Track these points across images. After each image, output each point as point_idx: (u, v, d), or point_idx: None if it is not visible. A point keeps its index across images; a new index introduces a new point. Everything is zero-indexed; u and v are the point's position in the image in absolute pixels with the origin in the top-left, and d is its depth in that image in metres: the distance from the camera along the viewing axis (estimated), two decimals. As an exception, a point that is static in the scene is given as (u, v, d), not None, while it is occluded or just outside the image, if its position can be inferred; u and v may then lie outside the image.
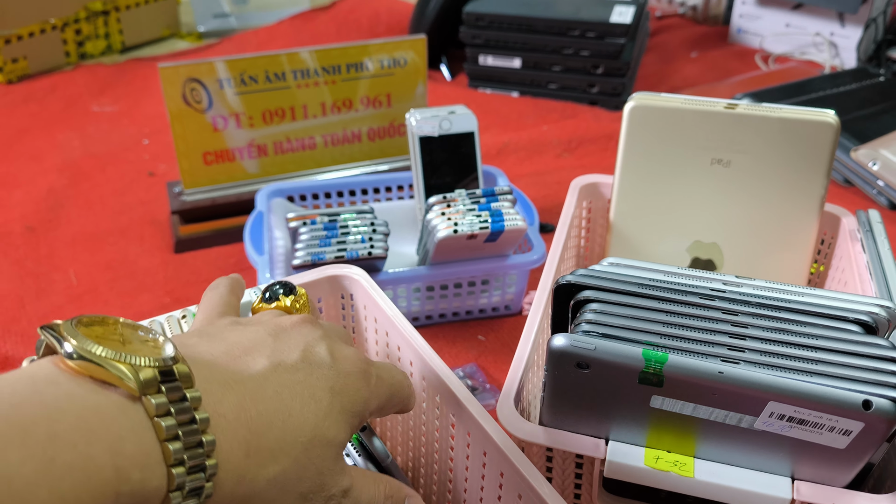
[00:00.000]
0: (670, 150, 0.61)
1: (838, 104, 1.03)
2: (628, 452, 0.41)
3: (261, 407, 0.30)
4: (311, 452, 0.32)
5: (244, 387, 0.30)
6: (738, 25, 1.34)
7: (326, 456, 0.33)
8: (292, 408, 0.31)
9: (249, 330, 0.34)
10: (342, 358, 0.35)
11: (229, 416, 0.29)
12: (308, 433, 0.32)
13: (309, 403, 0.32)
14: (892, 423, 0.35)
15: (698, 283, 0.42)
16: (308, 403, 0.32)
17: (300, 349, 0.34)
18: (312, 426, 0.32)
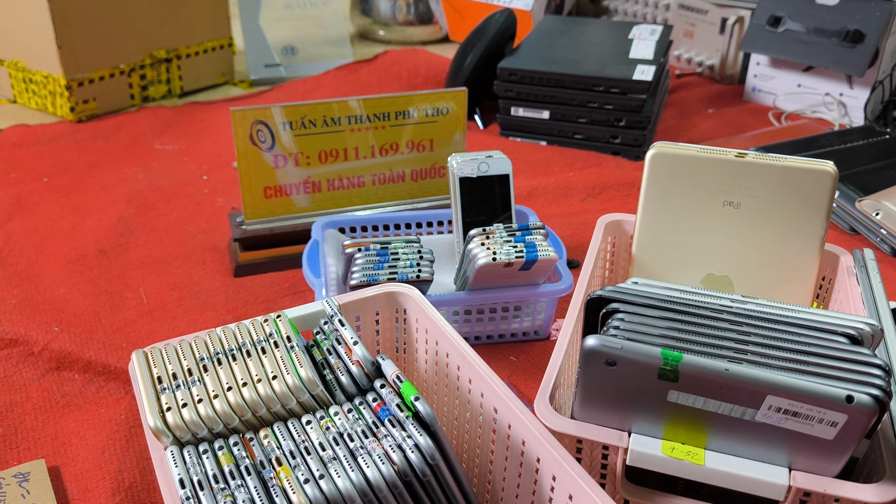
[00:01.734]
0: (687, 193, 0.69)
1: (845, 159, 1.11)
2: (648, 443, 0.48)
3: None
4: None
5: None
6: (752, 84, 1.43)
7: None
8: None
9: None
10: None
11: None
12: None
13: None
14: (871, 416, 0.42)
15: (709, 301, 0.50)
16: None
17: None
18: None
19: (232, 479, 0.45)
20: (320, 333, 0.55)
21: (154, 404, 0.48)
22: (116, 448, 0.66)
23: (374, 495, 0.46)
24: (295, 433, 0.49)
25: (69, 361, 0.76)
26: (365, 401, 0.51)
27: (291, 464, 0.46)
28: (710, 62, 1.52)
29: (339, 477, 0.45)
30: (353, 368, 0.52)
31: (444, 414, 0.61)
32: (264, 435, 0.49)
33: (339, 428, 0.48)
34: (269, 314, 0.56)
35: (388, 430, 0.48)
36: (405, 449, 0.47)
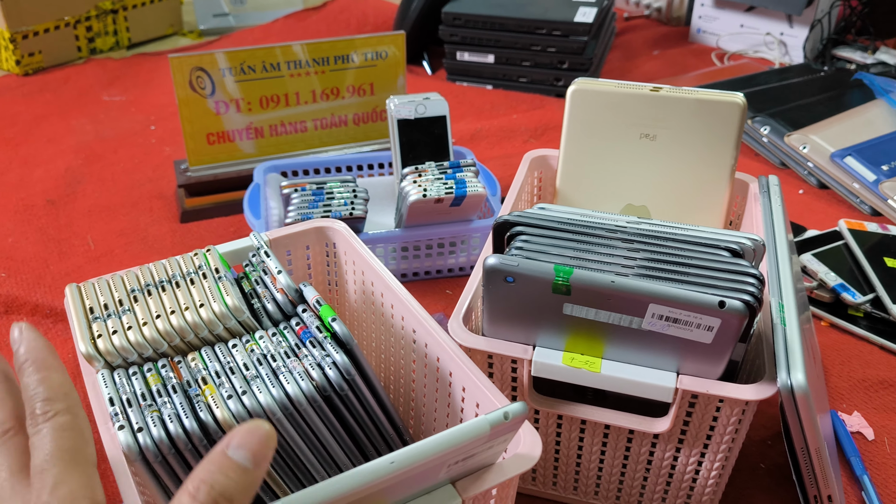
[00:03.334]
0: (606, 127, 0.72)
1: (779, 95, 1.14)
2: (550, 355, 0.52)
3: None
4: None
5: None
6: (697, 26, 1.45)
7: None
8: None
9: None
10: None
11: None
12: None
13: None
14: (742, 319, 0.46)
15: (606, 222, 0.53)
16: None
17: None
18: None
19: (159, 396, 0.48)
20: (249, 266, 0.58)
21: (86, 332, 0.51)
22: (64, 384, 0.69)
23: (294, 409, 0.49)
24: (221, 356, 0.52)
25: (17, 305, 0.79)
26: (289, 325, 0.54)
27: (216, 382, 0.49)
28: (657, 4, 1.53)
29: (261, 393, 0.48)
30: (278, 296, 0.55)
31: (373, 339, 0.64)
32: (192, 358, 0.52)
33: (263, 350, 0.52)
34: (199, 249, 0.59)
35: (309, 351, 0.51)
36: (324, 366, 0.50)
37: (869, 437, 0.67)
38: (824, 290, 0.81)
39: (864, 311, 0.79)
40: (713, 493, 0.56)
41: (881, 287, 0.79)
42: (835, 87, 1.17)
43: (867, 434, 0.67)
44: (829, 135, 1.02)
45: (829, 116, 1.06)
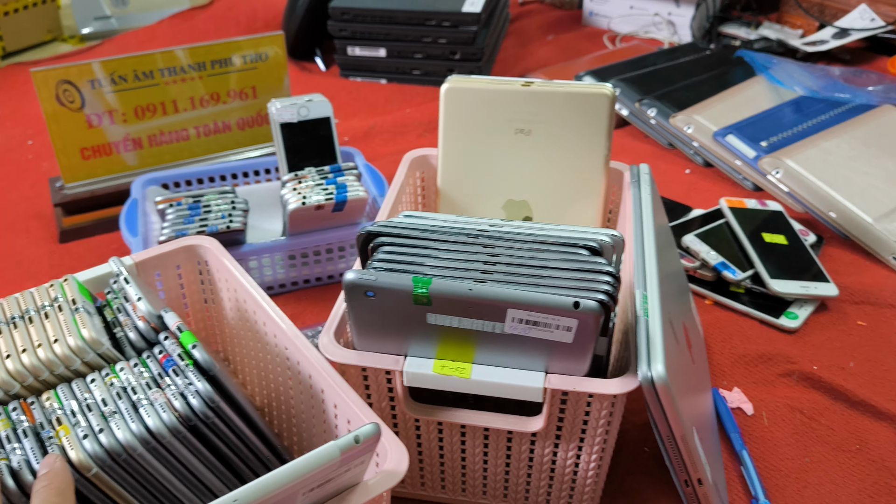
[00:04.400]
0: (481, 124, 0.71)
1: (666, 77, 1.17)
2: (421, 364, 0.52)
3: None
4: None
5: None
6: (589, 9, 1.47)
7: None
8: None
9: None
10: None
11: None
12: None
13: None
14: (598, 318, 0.47)
15: (469, 227, 0.53)
16: None
17: None
18: None
19: (8, 442, 0.46)
20: (111, 293, 0.56)
21: (-71, 379, 0.48)
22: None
23: (157, 442, 0.48)
24: (78, 392, 0.50)
25: None
26: (152, 353, 0.52)
27: (72, 422, 0.47)
28: (551, -11, 1.54)
29: (120, 430, 0.47)
30: (140, 323, 0.53)
31: (252, 357, 0.63)
32: (46, 398, 0.49)
33: (124, 382, 0.50)
34: (56, 279, 0.56)
35: (172, 380, 0.49)
36: (186, 395, 0.49)
37: (748, 411, 0.69)
38: (707, 270, 0.83)
39: (745, 288, 0.82)
40: (594, 483, 0.57)
41: (759, 263, 0.82)
42: (719, 66, 1.20)
43: (746, 409, 0.69)
44: (712, 114, 1.05)
45: (713, 95, 1.09)
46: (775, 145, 0.98)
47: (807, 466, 0.64)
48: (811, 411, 0.69)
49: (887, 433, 0.67)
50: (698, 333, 0.73)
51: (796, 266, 0.82)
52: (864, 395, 0.70)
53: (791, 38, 1.33)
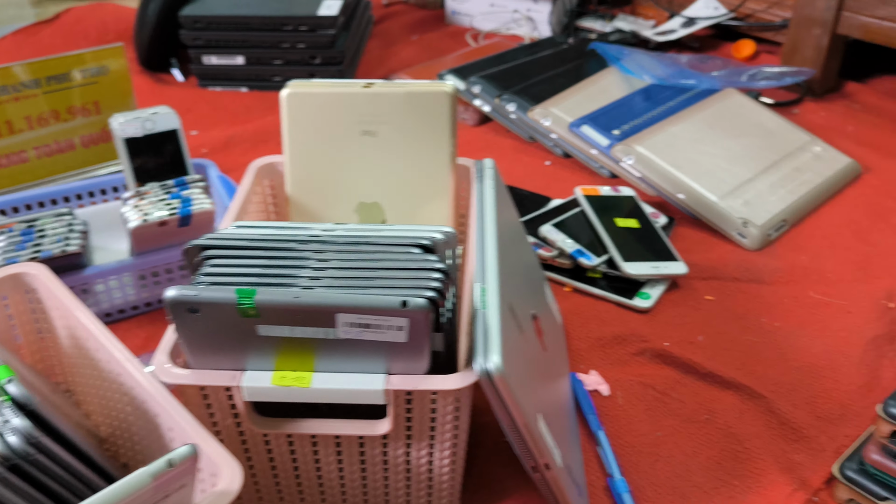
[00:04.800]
0: (326, 127, 0.71)
1: (524, 71, 1.19)
2: (260, 377, 0.50)
3: None
4: None
5: None
6: (451, 8, 1.48)
7: None
8: None
9: None
10: None
11: None
12: None
13: None
14: (427, 314, 0.47)
15: (300, 233, 0.52)
16: None
17: None
18: None
19: None
20: (-80, 332, 0.52)
21: None
22: None
23: (-28, 488, 0.45)
24: None
25: None
26: (-33, 393, 0.48)
27: None
28: (414, -11, 1.55)
29: (-72, 478, 0.43)
30: (-49, 362, 0.49)
31: (91, 385, 0.60)
32: None
33: (-67, 426, 0.46)
34: None
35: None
36: (3, 433, 0.46)
37: (604, 392, 0.71)
38: (564, 258, 0.85)
39: (602, 272, 0.84)
40: (451, 479, 0.58)
41: (612, 247, 0.84)
42: (575, 59, 1.24)
43: (603, 390, 0.71)
44: (568, 106, 1.08)
45: (569, 88, 1.12)
46: (627, 133, 1.01)
47: (659, 440, 0.67)
48: (663, 387, 0.72)
49: (733, 401, 0.70)
50: (555, 322, 0.75)
51: (647, 248, 0.85)
52: (712, 367, 0.73)
53: (644, 28, 1.38)
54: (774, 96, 1.19)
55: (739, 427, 0.68)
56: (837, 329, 0.78)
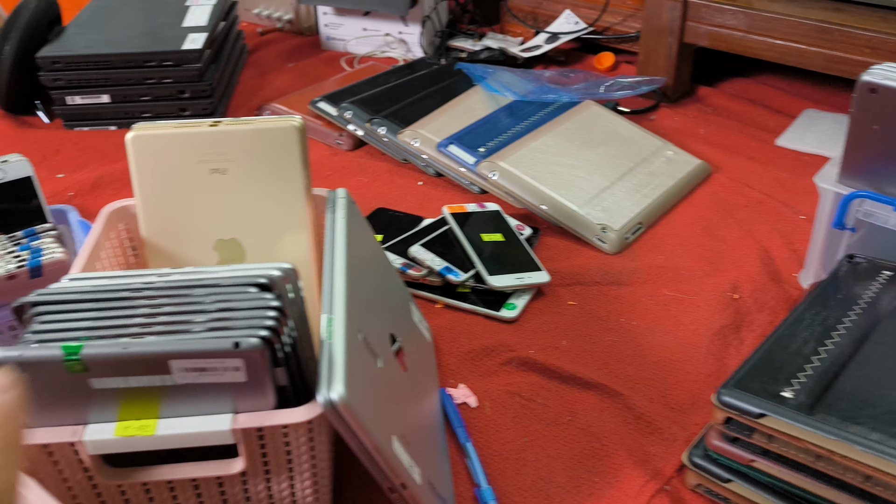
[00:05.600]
0: (175, 168, 0.71)
1: (394, 94, 1.21)
2: (103, 429, 0.50)
3: None
4: None
5: None
6: (326, 33, 1.50)
7: None
8: None
9: None
10: None
11: None
12: None
13: None
14: (262, 353, 0.48)
15: (133, 281, 0.53)
16: None
17: None
18: None
19: None
20: None
21: None
22: None
23: None
24: None
25: None
26: None
27: None
28: (287, 16, 1.56)
29: None
30: None
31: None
32: None
33: None
34: None
35: None
36: None
37: (473, 404, 0.74)
38: (434, 276, 0.87)
39: (470, 287, 0.87)
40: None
41: (478, 262, 0.87)
42: (444, 79, 1.27)
43: (471, 402, 0.74)
44: (436, 126, 1.11)
45: (437, 108, 1.15)
46: (492, 150, 1.05)
47: (525, 446, 0.69)
48: (529, 393, 0.75)
49: (593, 401, 0.74)
50: (423, 340, 0.77)
51: (512, 260, 0.89)
52: (574, 370, 0.77)
53: (512, 45, 1.43)
54: (632, 104, 1.25)
55: (599, 425, 0.71)
56: (688, 323, 0.83)
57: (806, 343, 0.65)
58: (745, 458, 0.61)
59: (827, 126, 1.20)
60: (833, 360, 0.63)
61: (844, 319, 0.68)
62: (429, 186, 1.08)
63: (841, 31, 1.11)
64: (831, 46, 1.13)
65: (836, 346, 0.65)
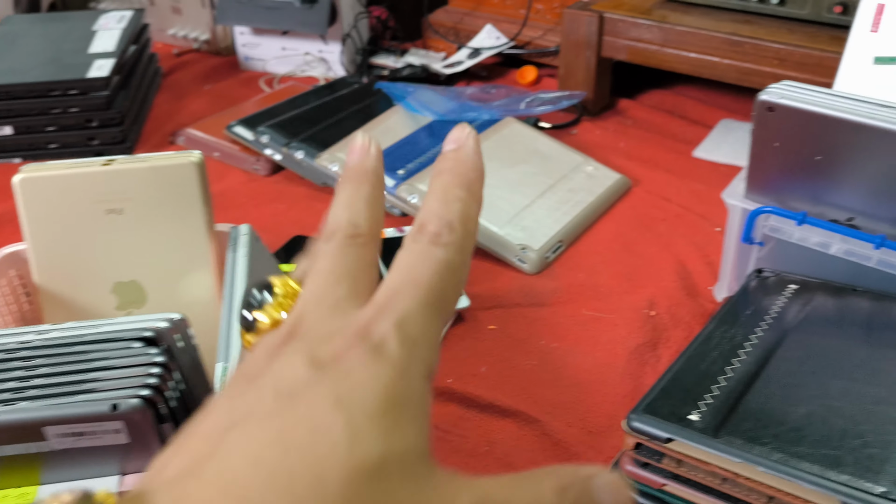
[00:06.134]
0: (67, 210, 0.68)
1: (314, 116, 1.19)
2: (-22, 501, 0.47)
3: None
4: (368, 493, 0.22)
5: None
6: (244, 54, 1.47)
7: (393, 486, 0.23)
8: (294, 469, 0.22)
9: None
10: (329, 356, 0.25)
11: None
12: (339, 480, 0.22)
13: (313, 448, 0.22)
14: (143, 412, 0.46)
15: (7, 340, 0.50)
16: (311, 452, 0.22)
17: (264, 394, 0.24)
18: (339, 471, 0.22)
19: None
20: None
21: None
22: None
23: None
24: None
25: None
26: None
27: None
28: (203, 37, 1.52)
29: None
30: None
31: None
32: None
33: None
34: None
35: None
36: None
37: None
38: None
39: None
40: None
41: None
42: (364, 99, 1.26)
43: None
44: (355, 149, 1.09)
45: (357, 130, 1.14)
46: (412, 171, 1.04)
47: (442, 480, 0.68)
48: (446, 425, 0.74)
49: (512, 429, 0.73)
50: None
51: (431, 286, 0.87)
52: (492, 398, 0.76)
53: (435, 61, 1.43)
54: (554, 119, 1.26)
55: (516, 455, 0.71)
56: (606, 342, 0.83)
57: (714, 362, 0.66)
58: (657, 482, 0.61)
59: (742, 136, 1.22)
60: (739, 378, 0.64)
61: (751, 336, 0.69)
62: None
63: (751, 43, 1.14)
64: (742, 59, 1.15)
65: (743, 364, 0.65)
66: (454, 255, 0.28)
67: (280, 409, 0.23)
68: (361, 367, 0.24)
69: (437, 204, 0.30)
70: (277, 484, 0.21)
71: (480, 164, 0.31)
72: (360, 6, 1.43)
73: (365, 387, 0.24)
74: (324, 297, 0.28)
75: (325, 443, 0.22)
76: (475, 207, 0.30)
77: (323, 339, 0.26)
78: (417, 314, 0.26)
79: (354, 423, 0.23)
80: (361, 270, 0.29)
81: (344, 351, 0.25)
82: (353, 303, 0.28)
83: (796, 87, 0.73)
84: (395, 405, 0.23)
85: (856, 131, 0.68)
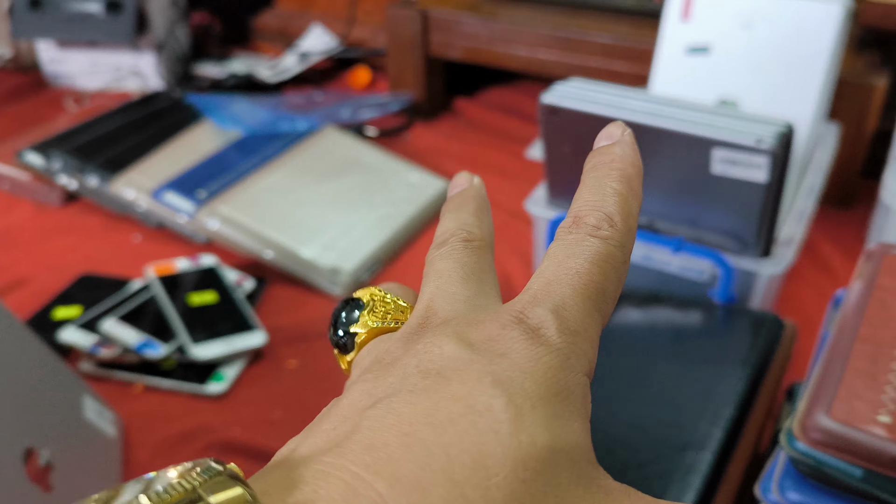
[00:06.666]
0: None
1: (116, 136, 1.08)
2: None
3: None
4: (528, 486, 0.19)
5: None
6: (51, 70, 1.34)
7: (562, 483, 0.20)
8: (450, 453, 0.19)
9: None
10: (481, 337, 0.22)
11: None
12: (502, 465, 0.19)
13: (471, 428, 0.20)
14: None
15: None
16: (468, 431, 0.20)
17: (409, 371, 0.22)
18: (501, 456, 0.19)
19: None
20: None
21: None
22: None
23: None
24: None
25: None
26: None
27: None
28: (5, 54, 1.38)
29: None
30: None
31: None
32: None
33: None
34: None
35: None
36: None
37: None
38: (131, 353, 0.76)
39: (176, 361, 0.76)
40: None
41: (182, 330, 0.77)
42: (172, 114, 1.15)
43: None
44: (154, 171, 0.99)
45: (162, 148, 1.04)
46: (214, 191, 0.95)
47: (214, 553, 0.60)
48: (227, 484, 0.65)
49: (301, 481, 0.66)
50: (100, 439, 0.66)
51: (223, 323, 0.79)
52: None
53: (263, 68, 1.33)
54: (386, 124, 1.19)
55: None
56: (415, 371, 0.76)
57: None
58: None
59: (578, 132, 1.19)
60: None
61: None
62: (148, 241, 0.96)
63: (577, 39, 1.10)
64: (569, 54, 1.11)
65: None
66: (615, 249, 0.25)
67: (430, 385, 0.21)
68: (520, 349, 0.21)
69: (595, 196, 0.26)
70: (434, 464, 0.19)
71: (638, 160, 0.28)
72: (176, 12, 1.32)
73: (524, 369, 0.21)
74: (454, 294, 0.25)
75: (485, 423, 0.20)
76: (635, 204, 0.26)
77: (469, 323, 0.23)
78: (576, 305, 0.23)
79: (516, 404, 0.20)
80: (485, 272, 0.27)
81: (498, 331, 0.22)
82: (487, 300, 0.25)
83: (581, 86, 0.68)
84: (557, 394, 0.21)
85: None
